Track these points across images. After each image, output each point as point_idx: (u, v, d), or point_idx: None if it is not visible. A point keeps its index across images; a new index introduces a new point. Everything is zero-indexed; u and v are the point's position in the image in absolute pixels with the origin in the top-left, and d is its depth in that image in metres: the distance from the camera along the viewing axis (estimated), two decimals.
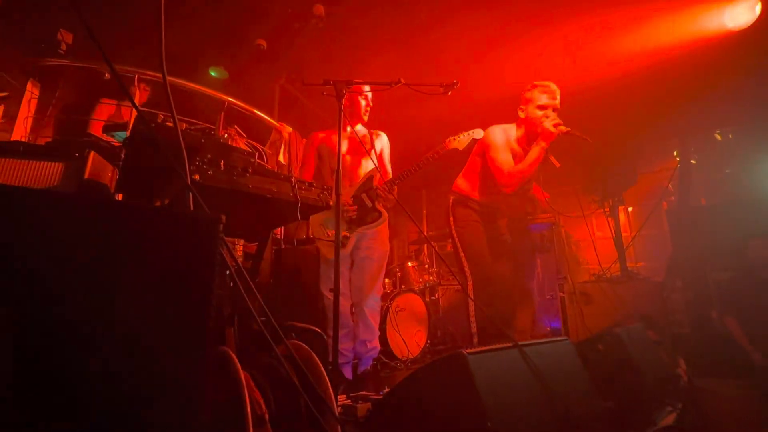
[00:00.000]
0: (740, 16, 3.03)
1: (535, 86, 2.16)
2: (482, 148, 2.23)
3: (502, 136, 2.17)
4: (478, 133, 2.20)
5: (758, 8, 2.94)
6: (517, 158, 2.18)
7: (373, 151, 2.32)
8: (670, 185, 4.21)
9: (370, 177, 2.24)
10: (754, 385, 2.13)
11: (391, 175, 2.38)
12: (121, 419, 0.58)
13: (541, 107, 2.12)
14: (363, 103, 2.35)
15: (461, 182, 2.36)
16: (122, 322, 0.62)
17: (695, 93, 3.64)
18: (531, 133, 2.18)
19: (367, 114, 2.40)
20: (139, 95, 2.70)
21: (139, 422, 0.59)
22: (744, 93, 3.57)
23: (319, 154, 2.39)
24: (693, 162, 4.12)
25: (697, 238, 3.22)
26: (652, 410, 1.70)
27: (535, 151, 2.05)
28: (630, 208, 5.06)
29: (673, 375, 2.23)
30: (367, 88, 2.36)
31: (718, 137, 4.25)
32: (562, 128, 2.04)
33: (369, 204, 2.21)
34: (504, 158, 2.11)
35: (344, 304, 2.25)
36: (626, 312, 2.69)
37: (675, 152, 4.49)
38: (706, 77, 3.50)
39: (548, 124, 2.02)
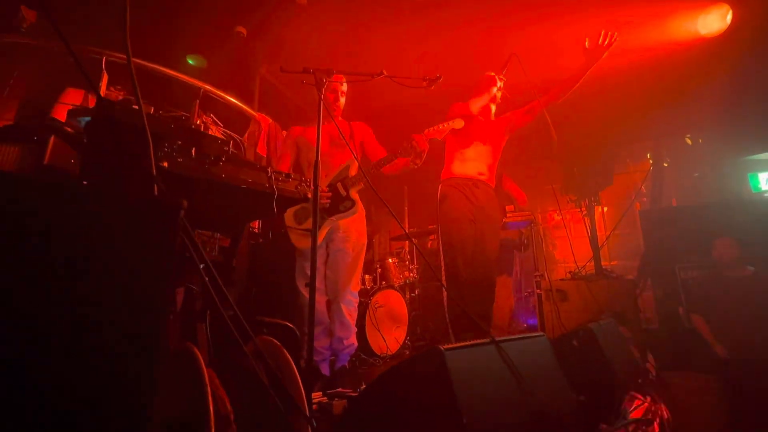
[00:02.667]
0: (712, 24, 3.14)
1: (493, 76, 2.55)
2: (454, 116, 2.35)
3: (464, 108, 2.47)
4: (458, 123, 2.21)
5: (729, 16, 3.05)
6: (480, 127, 2.47)
7: (354, 144, 2.31)
8: (643, 187, 4.35)
9: (346, 166, 2.21)
10: (717, 377, 2.22)
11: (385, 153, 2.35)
12: (61, 419, 0.54)
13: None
14: (332, 97, 2.29)
15: (448, 167, 2.45)
16: (69, 312, 0.57)
17: (668, 98, 3.75)
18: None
19: (339, 107, 2.34)
20: (114, 96, 2.56)
21: (82, 423, 0.55)
22: (714, 99, 3.71)
23: (297, 146, 2.36)
24: (665, 165, 4.27)
25: (667, 238, 3.34)
26: (622, 403, 1.74)
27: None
28: (605, 209, 5.20)
29: (643, 369, 2.30)
30: (344, 87, 2.33)
31: (689, 141, 4.41)
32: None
33: (343, 193, 2.18)
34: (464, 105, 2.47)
35: (319, 300, 2.20)
36: (600, 309, 2.76)
37: (648, 155, 4.65)
38: (679, 82, 3.61)
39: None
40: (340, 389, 1.80)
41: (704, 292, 2.85)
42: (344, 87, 2.34)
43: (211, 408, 0.62)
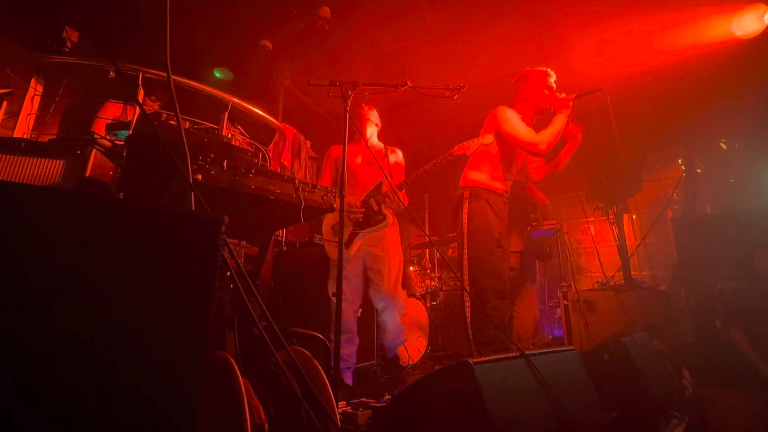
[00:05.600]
0: (749, 25, 3.01)
1: (540, 71, 2.38)
2: (495, 126, 2.28)
3: (514, 113, 2.31)
4: (488, 139, 2.21)
5: (767, 17, 2.92)
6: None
7: (387, 162, 2.48)
8: (674, 194, 4.18)
9: (379, 183, 2.32)
10: (760, 396, 2.09)
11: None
12: (113, 425, 0.56)
13: (548, 87, 2.33)
14: (357, 122, 2.50)
15: (475, 174, 2.33)
16: (118, 323, 0.59)
17: (701, 101, 3.61)
18: (533, 113, 2.38)
19: (370, 131, 2.53)
20: (149, 108, 2.70)
21: (132, 429, 0.57)
22: (751, 102, 3.54)
23: (336, 166, 2.51)
24: (699, 171, 4.09)
25: (702, 247, 3.18)
26: (658, 422, 1.66)
27: (560, 119, 2.22)
28: (634, 216, 5.02)
29: (679, 386, 2.19)
30: (374, 117, 2.51)
31: (724, 146, 4.22)
32: (571, 95, 2.27)
33: (375, 208, 2.30)
34: (526, 128, 2.25)
35: (347, 309, 2.25)
36: (630, 321, 2.66)
37: (680, 160, 4.47)
38: (713, 85, 3.47)
39: (561, 96, 2.27)
40: (363, 399, 1.80)
41: (745, 305, 2.69)
42: (373, 116, 2.52)
43: (248, 418, 0.63)
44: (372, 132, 2.54)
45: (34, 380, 0.52)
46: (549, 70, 2.38)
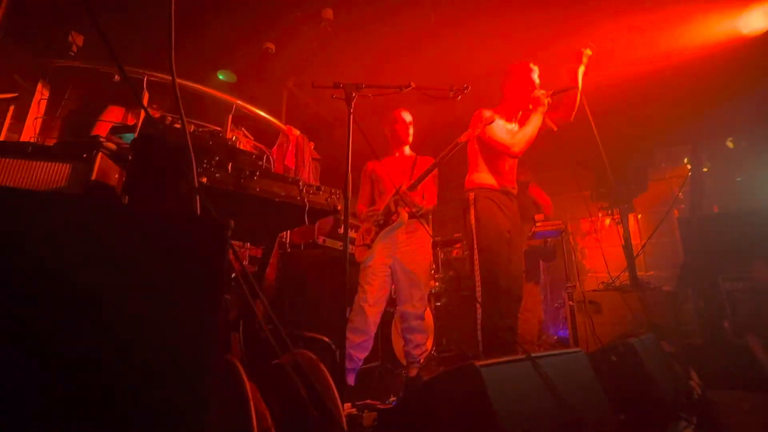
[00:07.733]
0: (755, 22, 2.98)
1: (521, 66, 2.38)
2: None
3: (491, 113, 2.33)
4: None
5: None
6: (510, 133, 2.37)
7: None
8: (680, 193, 4.15)
9: (398, 188, 2.38)
10: None
11: (435, 201, 2.57)
12: (125, 427, 0.56)
13: (528, 83, 2.33)
14: (401, 128, 2.57)
15: (478, 176, 2.36)
16: (126, 328, 0.59)
17: (708, 99, 3.58)
18: (516, 110, 2.39)
19: (410, 135, 2.59)
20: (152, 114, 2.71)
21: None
22: (758, 99, 3.51)
23: (371, 180, 2.61)
24: (705, 169, 4.06)
25: (709, 247, 3.15)
26: (666, 424, 1.65)
27: (534, 118, 2.24)
28: (639, 216, 4.99)
29: (687, 387, 2.17)
30: (407, 116, 2.57)
31: (731, 144, 4.18)
32: (547, 93, 2.29)
33: (393, 209, 2.40)
34: (502, 131, 2.29)
35: (370, 311, 2.30)
36: (637, 322, 2.64)
37: (686, 159, 4.44)
38: (720, 83, 3.44)
39: (538, 94, 2.27)
40: (368, 401, 1.80)
41: (753, 305, 2.66)
42: (409, 117, 2.60)
43: (254, 422, 0.63)
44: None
45: (45, 382, 0.52)
46: (531, 64, 2.38)
